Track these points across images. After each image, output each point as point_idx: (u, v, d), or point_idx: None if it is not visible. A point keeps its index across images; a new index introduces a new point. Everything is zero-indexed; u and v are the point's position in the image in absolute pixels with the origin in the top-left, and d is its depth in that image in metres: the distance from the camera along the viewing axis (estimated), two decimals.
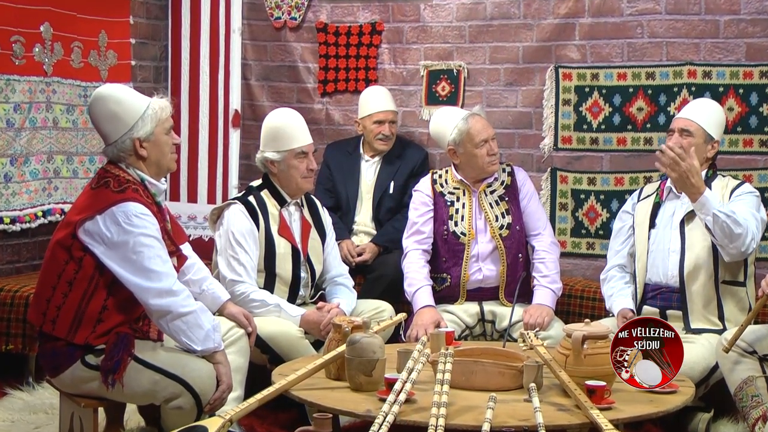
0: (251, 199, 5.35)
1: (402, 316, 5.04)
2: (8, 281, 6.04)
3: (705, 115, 5.22)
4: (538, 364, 4.20)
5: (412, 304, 5.56)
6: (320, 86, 7.12)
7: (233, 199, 5.43)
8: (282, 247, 5.33)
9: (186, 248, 4.79)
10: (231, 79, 7.22)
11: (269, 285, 5.32)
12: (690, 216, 5.13)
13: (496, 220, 5.62)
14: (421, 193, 5.77)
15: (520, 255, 5.65)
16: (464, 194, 5.69)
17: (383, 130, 6.46)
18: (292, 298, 5.37)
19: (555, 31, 6.46)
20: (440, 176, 5.78)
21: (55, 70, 6.40)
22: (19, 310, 5.74)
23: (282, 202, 5.40)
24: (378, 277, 6.09)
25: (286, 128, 5.36)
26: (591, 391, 4.02)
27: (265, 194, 5.39)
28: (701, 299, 5.09)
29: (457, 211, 5.67)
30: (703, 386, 4.89)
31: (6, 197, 6.18)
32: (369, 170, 6.56)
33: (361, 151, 6.61)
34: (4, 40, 6.08)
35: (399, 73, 6.93)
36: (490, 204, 5.66)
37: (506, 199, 5.69)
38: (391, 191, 6.46)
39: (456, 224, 5.64)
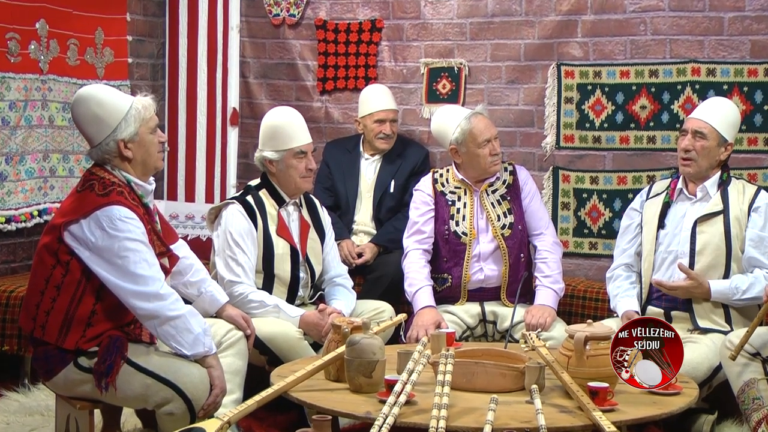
0: (249, 198, 5.33)
1: (402, 316, 5.01)
2: (3, 281, 6.04)
3: (720, 116, 5.17)
4: (540, 366, 4.17)
5: (413, 304, 5.54)
6: (319, 84, 7.10)
7: (231, 198, 5.41)
8: (280, 247, 5.31)
9: (184, 248, 4.78)
10: (229, 77, 7.20)
11: (268, 286, 5.30)
12: (702, 220, 5.12)
13: (498, 220, 5.59)
14: (422, 192, 5.75)
15: (522, 255, 5.62)
16: (465, 194, 5.66)
17: (384, 129, 6.44)
18: (291, 298, 5.35)
19: (557, 28, 6.44)
20: (441, 175, 5.76)
21: (50, 68, 6.38)
22: (15, 311, 5.71)
23: (280, 202, 5.37)
24: (378, 278, 6.07)
25: (285, 127, 5.34)
26: (594, 392, 4.00)
27: (263, 194, 5.37)
28: (708, 304, 5.07)
29: (458, 210, 5.63)
30: (707, 387, 4.88)
31: (1, 196, 6.16)
32: (369, 169, 6.54)
33: (361, 149, 6.60)
34: None
35: (399, 71, 6.91)
36: (492, 203, 5.63)
37: (508, 198, 5.66)
38: (391, 190, 6.44)
39: (457, 224, 5.61)
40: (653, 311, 5.15)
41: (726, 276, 5.07)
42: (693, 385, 4.45)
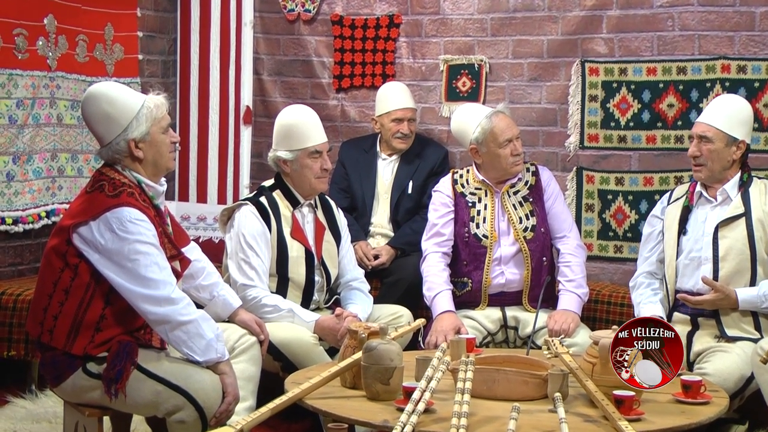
0: (263, 199, 5.30)
1: (421, 321, 4.94)
2: (10, 284, 6.03)
3: (724, 116, 5.06)
4: (563, 373, 4.10)
5: (432, 309, 5.49)
6: (335, 81, 7.08)
7: (244, 199, 5.38)
8: (295, 250, 5.27)
9: (196, 251, 4.76)
10: (242, 74, 7.20)
11: (282, 289, 5.27)
12: (724, 224, 5.03)
13: (520, 222, 5.54)
14: (441, 193, 5.70)
15: (544, 258, 5.57)
16: (486, 195, 5.60)
17: (402, 129, 6.42)
18: (306, 302, 5.31)
19: (581, 23, 6.38)
20: (461, 176, 5.71)
21: (59, 65, 6.37)
22: (22, 315, 5.68)
23: (295, 203, 5.34)
24: (395, 281, 6.05)
25: (300, 126, 5.30)
26: (619, 401, 3.94)
27: (277, 195, 5.34)
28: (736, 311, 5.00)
29: (478, 212, 5.58)
30: (739, 398, 4.79)
31: (8, 197, 6.16)
32: (386, 169, 6.52)
33: (378, 149, 6.58)
34: (6, 33, 6.05)
35: (417, 68, 6.87)
36: (514, 205, 5.58)
37: (530, 200, 5.61)
38: (409, 191, 6.42)
39: (478, 226, 5.55)
40: (679, 318, 5.07)
41: (753, 281, 4.98)
42: (723, 394, 4.37)
